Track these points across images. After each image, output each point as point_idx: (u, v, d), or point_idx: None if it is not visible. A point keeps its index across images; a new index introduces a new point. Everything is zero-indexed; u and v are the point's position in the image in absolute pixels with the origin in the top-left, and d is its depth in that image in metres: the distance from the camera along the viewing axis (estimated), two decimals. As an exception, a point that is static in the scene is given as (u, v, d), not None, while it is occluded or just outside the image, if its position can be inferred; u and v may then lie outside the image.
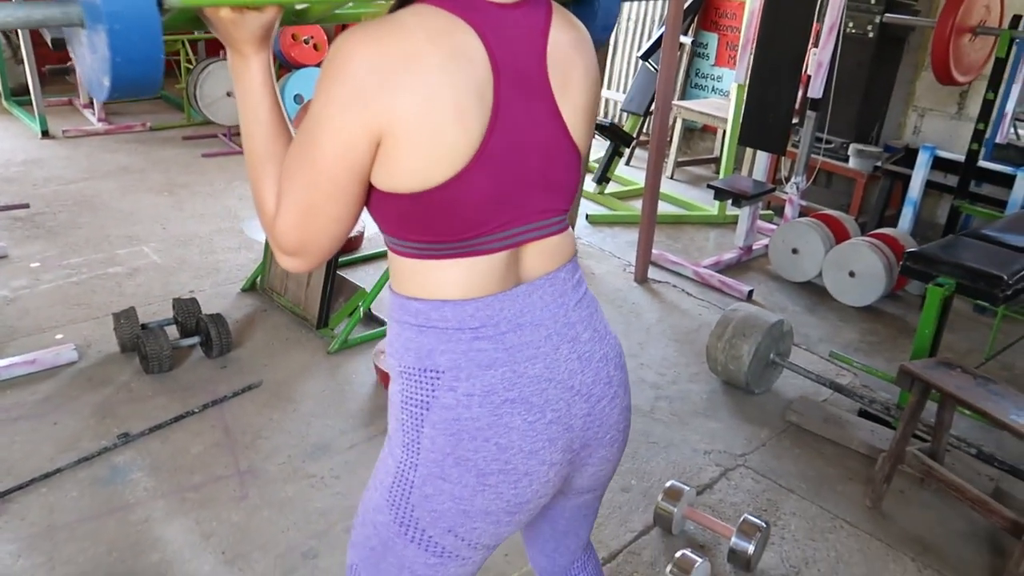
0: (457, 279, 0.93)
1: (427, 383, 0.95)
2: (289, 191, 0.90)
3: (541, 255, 0.99)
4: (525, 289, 0.97)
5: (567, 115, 0.97)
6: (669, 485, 2.12)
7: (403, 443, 0.97)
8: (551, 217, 0.99)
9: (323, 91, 0.85)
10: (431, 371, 0.95)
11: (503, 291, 0.95)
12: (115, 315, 2.76)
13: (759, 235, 4.28)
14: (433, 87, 0.84)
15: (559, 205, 1.00)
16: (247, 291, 3.28)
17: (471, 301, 0.93)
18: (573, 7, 1.23)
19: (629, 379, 1.13)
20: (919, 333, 2.50)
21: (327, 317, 3.01)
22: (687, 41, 5.59)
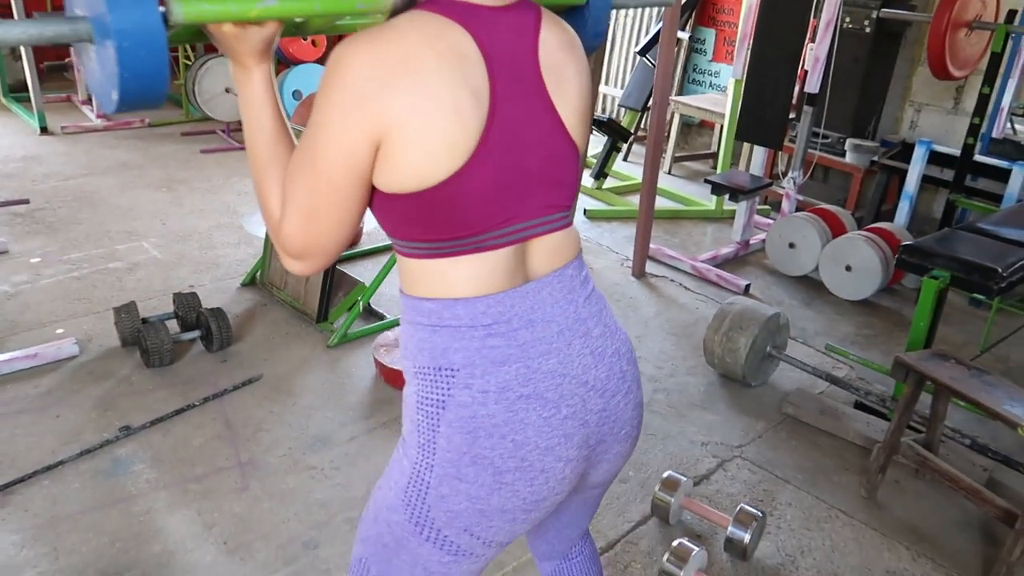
0: (467, 277, 0.95)
1: (442, 382, 0.96)
2: (293, 196, 0.92)
3: (548, 252, 1.01)
4: (535, 286, 0.99)
5: (563, 114, 0.99)
6: (666, 476, 2.15)
7: (418, 444, 0.98)
8: (554, 213, 1.01)
9: (324, 98, 0.88)
10: (446, 369, 0.96)
11: (513, 288, 0.97)
12: (116, 309, 2.78)
13: (756, 230, 4.30)
14: (429, 88, 0.86)
15: (561, 201, 1.02)
16: (247, 286, 3.30)
17: (482, 298, 0.95)
18: (564, 15, 1.25)
19: None
20: (914, 325, 2.52)
21: (327, 311, 3.03)
22: (684, 37, 5.60)
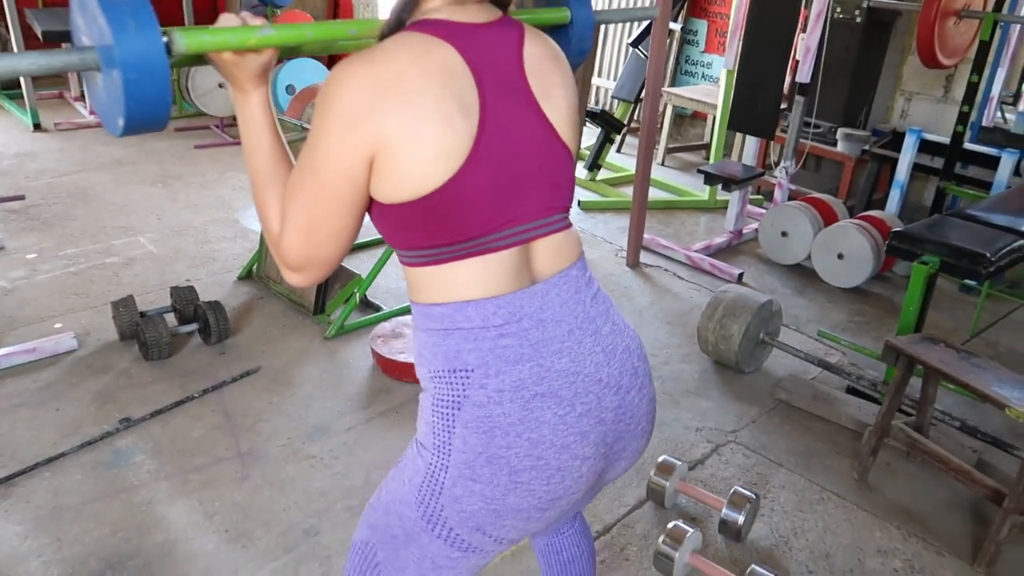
0: (473, 279, 0.97)
1: (458, 383, 0.98)
2: (293, 211, 0.96)
3: (551, 253, 1.04)
4: (542, 287, 1.01)
5: (554, 120, 1.03)
6: (661, 460, 2.18)
7: (433, 445, 0.99)
8: (553, 215, 1.04)
9: (320, 117, 0.93)
10: (460, 371, 0.98)
11: (521, 289, 0.99)
12: (114, 303, 2.79)
13: (749, 219, 4.33)
14: (418, 102, 0.91)
15: (559, 203, 1.05)
16: (243, 279, 3.32)
17: (491, 299, 0.98)
18: (549, 34, 1.29)
19: None
20: (904, 310, 2.55)
21: (323, 304, 3.05)
22: (677, 28, 5.62)
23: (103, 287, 3.18)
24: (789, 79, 4.04)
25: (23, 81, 5.02)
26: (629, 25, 6.09)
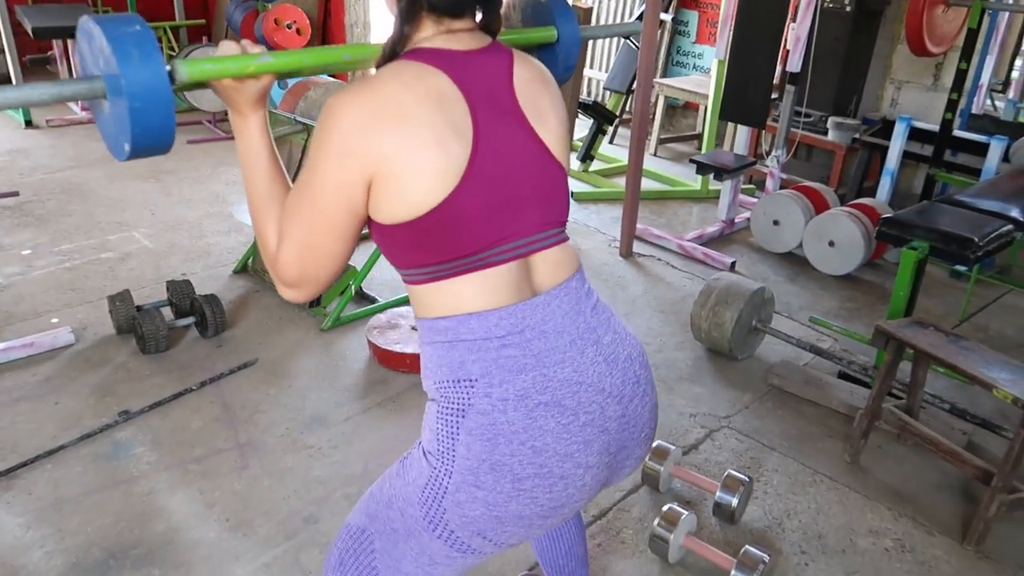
0: (475, 293, 1.01)
1: (462, 391, 1.01)
2: (290, 230, 1.01)
3: (550, 266, 1.07)
4: (543, 299, 1.04)
5: (545, 139, 1.07)
6: (656, 445, 2.20)
7: (438, 451, 1.02)
8: (549, 229, 1.08)
9: (318, 143, 0.97)
10: (465, 380, 1.01)
11: (522, 301, 1.03)
12: (110, 298, 2.80)
13: (741, 209, 4.36)
14: (412, 126, 0.95)
15: (555, 217, 1.09)
16: (239, 273, 3.33)
17: (494, 311, 1.01)
18: (537, 52, 1.35)
19: None
20: (894, 295, 2.59)
21: (319, 296, 3.06)
22: (668, 19, 5.63)
23: (99, 282, 3.19)
24: (780, 69, 4.06)
25: (14, 78, 5.00)
26: (621, 16, 6.10)
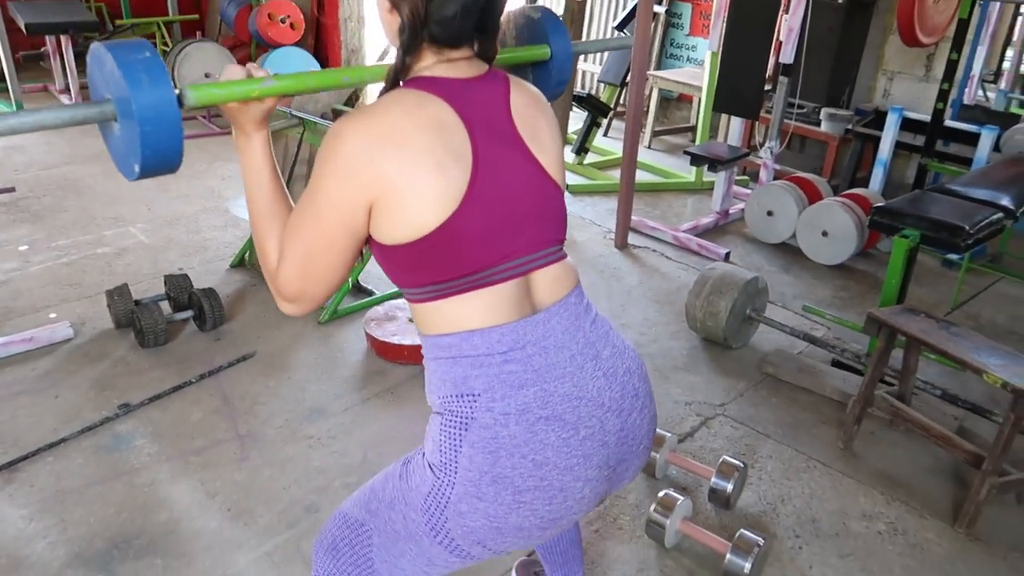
0: (477, 310, 1.04)
1: (465, 405, 1.04)
2: (291, 248, 1.05)
3: (549, 283, 1.10)
4: (543, 316, 1.08)
5: (542, 160, 1.11)
6: (652, 433, 2.23)
7: (440, 463, 1.05)
8: (548, 247, 1.11)
9: (322, 166, 1.01)
10: (468, 395, 1.04)
11: (523, 318, 1.06)
12: (108, 292, 2.82)
13: (735, 200, 4.38)
14: (412, 153, 0.98)
15: (553, 235, 1.12)
16: (236, 267, 3.34)
17: (496, 328, 1.04)
18: (531, 68, 1.39)
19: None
20: (886, 283, 2.62)
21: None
22: (661, 11, 5.65)
23: (96, 277, 3.20)
24: (773, 60, 4.08)
25: (7, 74, 4.98)
26: (614, 8, 6.11)
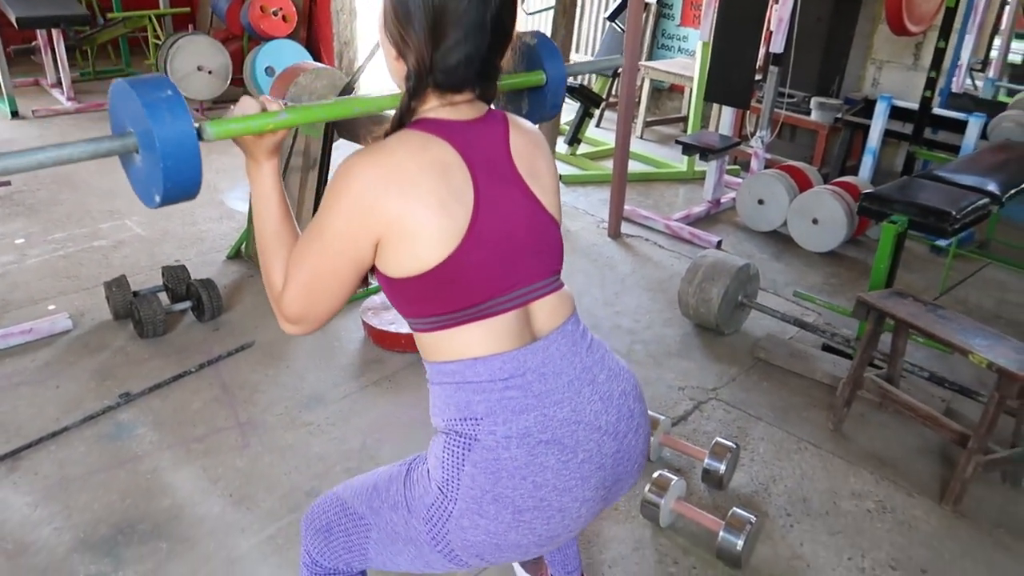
0: (480, 340, 1.09)
1: (469, 428, 1.09)
2: (297, 274, 1.09)
3: (548, 312, 1.15)
4: (542, 344, 1.12)
5: (540, 196, 1.16)
6: (646, 416, 2.27)
7: (443, 480, 1.10)
8: (546, 278, 1.16)
9: (331, 199, 1.06)
10: (471, 419, 1.09)
11: (523, 346, 1.11)
12: (106, 284, 2.84)
13: (727, 189, 4.43)
14: (416, 192, 1.03)
15: (550, 267, 1.18)
16: (232, 258, 3.37)
17: (497, 356, 1.09)
18: (528, 92, 1.43)
19: (611, 341, 1.27)
20: (875, 268, 2.66)
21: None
22: (652, 2, 5.67)
23: (93, 269, 3.22)
24: (763, 50, 4.12)
25: (-1, 68, 4.99)
26: (605, 3, 6.13)
